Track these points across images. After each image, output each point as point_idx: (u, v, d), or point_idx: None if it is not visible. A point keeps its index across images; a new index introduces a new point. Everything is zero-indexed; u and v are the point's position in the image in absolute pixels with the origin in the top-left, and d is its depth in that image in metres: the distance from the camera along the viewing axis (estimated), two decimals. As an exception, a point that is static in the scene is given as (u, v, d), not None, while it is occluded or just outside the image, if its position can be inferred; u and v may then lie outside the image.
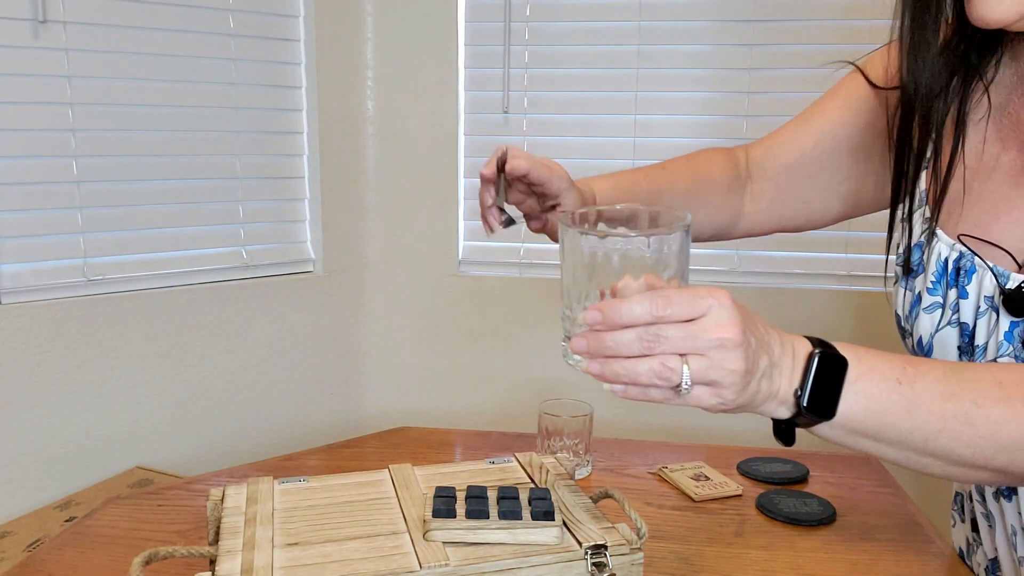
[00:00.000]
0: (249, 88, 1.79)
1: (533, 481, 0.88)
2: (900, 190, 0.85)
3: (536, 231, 0.91)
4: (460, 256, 2.01)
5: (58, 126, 1.56)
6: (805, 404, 0.61)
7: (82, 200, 1.60)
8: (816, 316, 1.84)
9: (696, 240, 0.97)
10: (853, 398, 0.61)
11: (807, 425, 0.63)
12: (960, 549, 0.92)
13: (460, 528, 0.74)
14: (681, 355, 0.56)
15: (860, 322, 1.83)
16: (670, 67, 1.87)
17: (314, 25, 1.85)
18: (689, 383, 0.56)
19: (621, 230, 0.63)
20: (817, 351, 0.61)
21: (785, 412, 0.62)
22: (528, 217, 0.91)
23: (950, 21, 0.77)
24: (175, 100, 1.69)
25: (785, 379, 0.61)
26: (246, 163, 1.81)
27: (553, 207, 0.88)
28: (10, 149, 1.51)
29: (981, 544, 0.86)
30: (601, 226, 0.65)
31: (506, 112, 1.94)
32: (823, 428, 0.63)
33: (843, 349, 0.63)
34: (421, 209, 1.99)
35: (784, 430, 0.64)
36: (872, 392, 0.61)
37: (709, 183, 0.98)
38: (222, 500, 0.82)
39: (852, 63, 0.93)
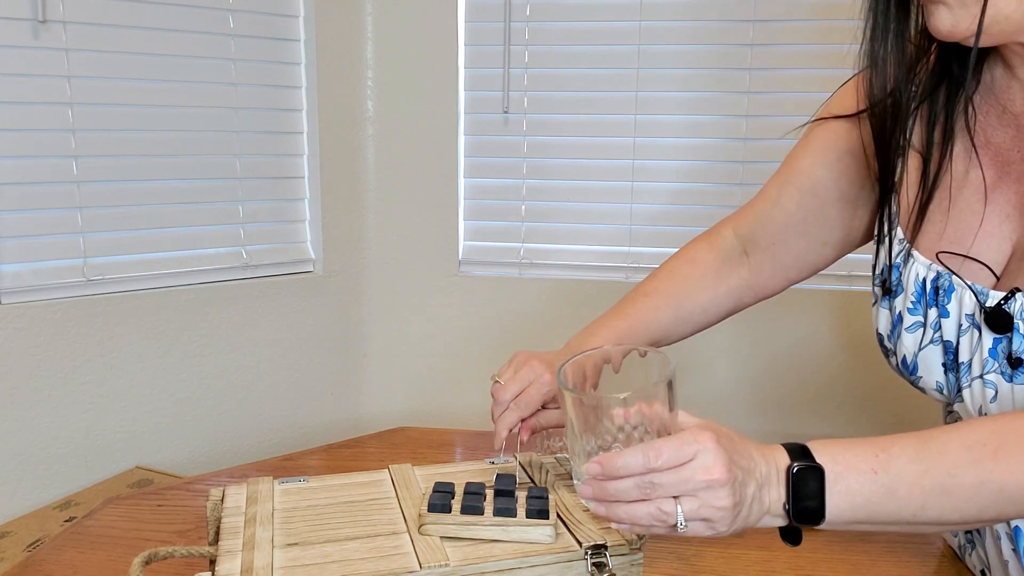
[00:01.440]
0: (249, 88, 1.79)
1: (533, 481, 0.88)
2: (881, 212, 0.85)
3: (531, 437, 0.95)
4: (460, 256, 2.01)
5: (58, 126, 1.56)
6: (794, 517, 0.65)
7: (82, 200, 1.60)
8: (816, 316, 1.84)
9: (709, 326, 1.04)
10: (837, 498, 0.64)
11: (803, 528, 0.67)
12: (954, 551, 0.92)
13: (454, 523, 0.74)
14: (675, 497, 0.62)
15: (859, 322, 1.83)
16: (670, 67, 1.87)
17: (314, 25, 1.85)
18: (684, 523, 0.62)
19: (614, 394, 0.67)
20: (795, 466, 0.65)
21: (781, 522, 0.66)
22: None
23: (913, 39, 0.77)
24: (175, 100, 1.69)
25: (774, 495, 0.65)
26: (246, 163, 1.81)
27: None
28: (10, 149, 1.51)
29: (975, 548, 0.86)
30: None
31: (506, 112, 1.94)
32: (824, 524, 0.66)
33: (817, 451, 0.66)
34: (421, 209, 1.99)
35: (788, 533, 0.68)
36: (853, 488, 0.65)
37: (697, 285, 1.01)
38: (222, 500, 0.82)
39: (818, 118, 0.93)
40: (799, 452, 0.66)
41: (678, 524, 0.62)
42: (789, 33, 1.82)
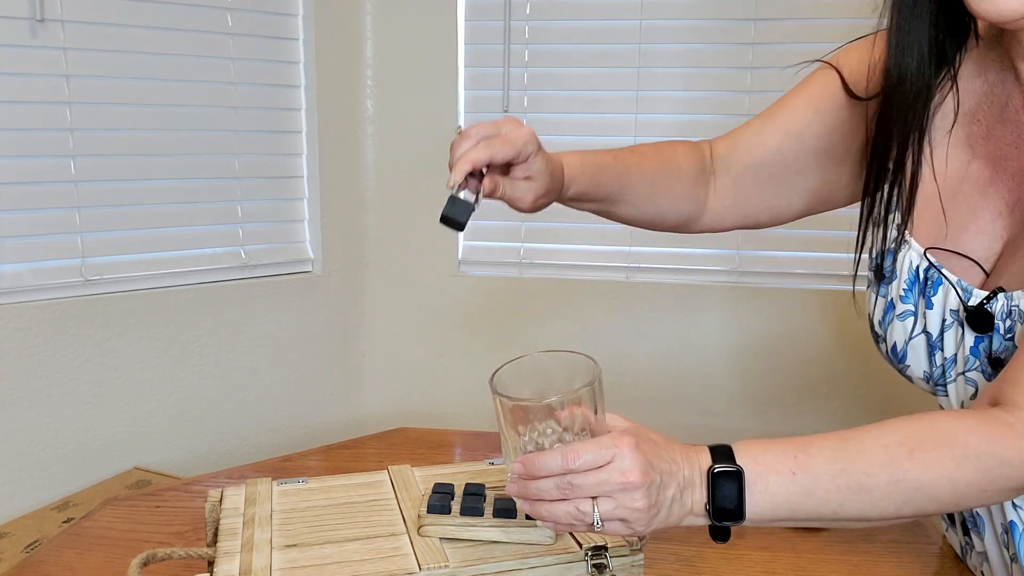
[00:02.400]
0: (248, 87, 1.78)
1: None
2: (873, 192, 0.84)
3: (488, 195, 0.83)
4: (460, 256, 2.01)
5: (56, 125, 1.55)
6: (715, 517, 0.67)
7: (80, 200, 1.60)
8: (816, 316, 1.84)
9: (658, 229, 1.00)
10: (757, 498, 0.66)
11: (729, 525, 0.68)
12: (956, 551, 0.92)
13: (454, 524, 0.74)
14: (593, 498, 0.64)
15: (859, 322, 1.82)
16: (671, 66, 1.87)
17: (313, 24, 1.84)
18: (600, 522, 0.64)
19: (533, 395, 0.68)
20: (715, 468, 0.66)
21: (704, 522, 0.68)
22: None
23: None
24: (174, 99, 1.69)
25: (697, 497, 0.67)
26: (245, 162, 1.81)
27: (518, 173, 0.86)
28: (8, 148, 1.50)
29: (973, 547, 0.86)
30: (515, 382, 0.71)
31: (506, 111, 1.94)
32: (745, 523, 0.68)
33: (739, 452, 0.67)
34: (421, 209, 1.99)
35: (715, 531, 0.69)
36: (772, 488, 0.66)
37: (676, 171, 0.97)
38: (220, 501, 0.82)
39: (827, 62, 0.91)
40: (722, 454, 0.68)
41: (595, 523, 0.64)
42: (790, 32, 1.81)
